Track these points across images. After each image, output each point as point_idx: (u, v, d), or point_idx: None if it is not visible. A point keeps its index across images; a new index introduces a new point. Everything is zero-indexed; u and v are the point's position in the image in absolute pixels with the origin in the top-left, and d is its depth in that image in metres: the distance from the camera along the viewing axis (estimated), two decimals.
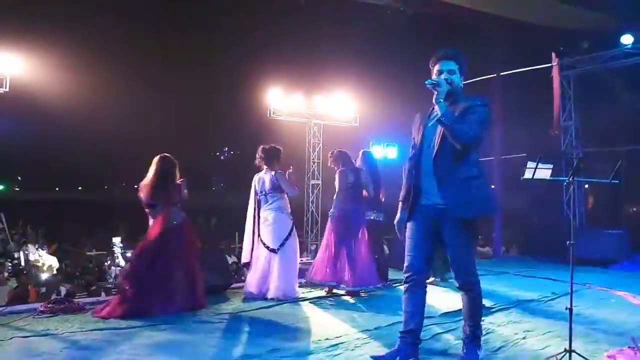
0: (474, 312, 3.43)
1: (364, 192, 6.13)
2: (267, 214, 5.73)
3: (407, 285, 3.43)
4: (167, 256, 4.95)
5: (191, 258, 5.11)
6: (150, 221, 5.13)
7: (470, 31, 11.58)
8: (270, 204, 5.74)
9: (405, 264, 3.44)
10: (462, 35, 11.81)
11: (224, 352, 3.73)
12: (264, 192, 5.76)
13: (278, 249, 5.59)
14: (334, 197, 6.17)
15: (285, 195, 5.81)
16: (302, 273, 6.36)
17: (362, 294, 5.88)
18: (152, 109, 24.11)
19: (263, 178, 5.79)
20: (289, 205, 5.86)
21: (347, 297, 5.76)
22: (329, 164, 6.42)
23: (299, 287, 5.92)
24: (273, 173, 5.75)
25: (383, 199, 6.58)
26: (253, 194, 5.88)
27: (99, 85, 19.10)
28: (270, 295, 5.45)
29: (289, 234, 5.70)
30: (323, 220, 9.43)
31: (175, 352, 3.71)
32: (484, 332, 4.18)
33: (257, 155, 5.85)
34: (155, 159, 5.16)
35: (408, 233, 3.48)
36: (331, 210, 6.13)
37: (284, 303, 5.32)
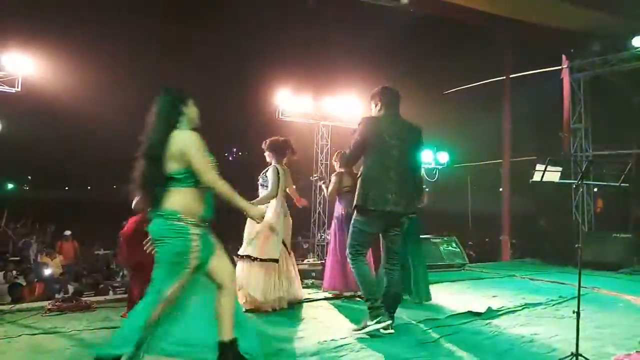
0: None
1: None
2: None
3: None
4: None
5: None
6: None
7: (479, 33, 11.54)
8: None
9: None
10: (472, 37, 11.77)
11: None
12: (264, 185, 5.24)
13: None
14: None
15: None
16: (308, 274, 6.35)
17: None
18: None
19: (268, 169, 5.30)
20: (280, 205, 5.19)
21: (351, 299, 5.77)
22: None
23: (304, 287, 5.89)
24: (271, 165, 5.26)
25: None
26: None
27: (110, 85, 19.22)
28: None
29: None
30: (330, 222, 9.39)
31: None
32: (490, 335, 4.19)
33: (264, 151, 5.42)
34: None
35: None
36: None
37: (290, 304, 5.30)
